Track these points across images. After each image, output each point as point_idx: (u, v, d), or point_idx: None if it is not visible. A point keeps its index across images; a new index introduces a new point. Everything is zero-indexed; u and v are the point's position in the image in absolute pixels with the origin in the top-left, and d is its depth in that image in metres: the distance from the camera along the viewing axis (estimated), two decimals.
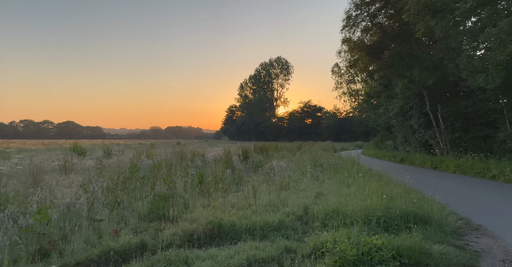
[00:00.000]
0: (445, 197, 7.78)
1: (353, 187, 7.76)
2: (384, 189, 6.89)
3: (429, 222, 5.08)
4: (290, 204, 6.73)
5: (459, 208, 6.57)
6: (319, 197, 7.26)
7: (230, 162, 11.68)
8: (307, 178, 10.20)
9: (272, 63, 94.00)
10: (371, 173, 10.63)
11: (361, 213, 5.30)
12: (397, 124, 20.87)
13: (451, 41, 12.13)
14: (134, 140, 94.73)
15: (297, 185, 9.13)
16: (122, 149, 24.19)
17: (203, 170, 10.92)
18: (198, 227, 4.79)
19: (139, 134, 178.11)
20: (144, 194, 6.92)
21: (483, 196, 7.68)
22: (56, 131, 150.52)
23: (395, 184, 8.18)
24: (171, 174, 7.48)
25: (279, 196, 7.60)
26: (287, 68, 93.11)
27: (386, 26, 16.97)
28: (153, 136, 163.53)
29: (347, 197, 6.61)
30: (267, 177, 10.37)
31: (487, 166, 10.66)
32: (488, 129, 13.27)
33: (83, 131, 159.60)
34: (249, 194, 7.73)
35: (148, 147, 31.45)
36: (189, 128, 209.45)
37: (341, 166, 11.99)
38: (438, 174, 12.11)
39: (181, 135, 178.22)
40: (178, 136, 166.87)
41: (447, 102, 15.34)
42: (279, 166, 13.40)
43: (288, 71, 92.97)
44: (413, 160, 16.34)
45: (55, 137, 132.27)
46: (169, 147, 28.75)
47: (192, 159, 13.59)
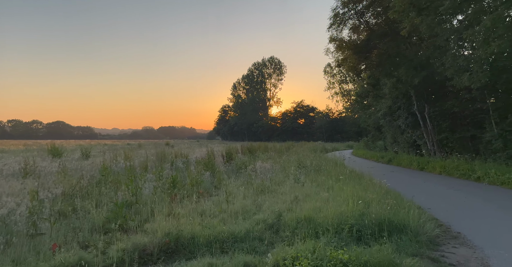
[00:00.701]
0: (428, 200, 7.50)
1: (332, 191, 7.41)
2: (363, 193, 6.54)
3: (404, 230, 4.72)
4: (264, 209, 6.34)
5: (440, 213, 6.27)
6: (296, 201, 6.89)
7: (212, 163, 11.22)
8: (289, 180, 9.85)
9: (265, 63, 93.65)
10: (354, 175, 10.31)
11: (333, 221, 4.92)
12: (386, 124, 20.70)
13: (437, 39, 11.89)
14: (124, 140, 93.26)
15: (278, 188, 8.75)
16: (106, 149, 23.49)
17: (182, 173, 10.48)
18: (153, 240, 4.33)
19: (131, 134, 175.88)
20: (107, 200, 6.43)
21: (466, 199, 7.40)
22: (46, 131, 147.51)
23: (377, 187, 7.85)
24: (137, 178, 6.97)
25: (256, 200, 7.22)
26: (280, 68, 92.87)
27: (373, 24, 16.73)
28: (145, 136, 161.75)
29: (323, 202, 6.25)
30: (248, 179, 9.96)
31: (472, 167, 10.44)
32: (475, 129, 13.10)
33: (73, 132, 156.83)
34: (227, 199, 7.33)
35: (135, 147, 30.76)
36: (182, 129, 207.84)
37: (325, 168, 11.65)
38: (423, 176, 11.87)
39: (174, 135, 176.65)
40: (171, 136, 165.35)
41: (434, 102, 15.16)
42: (263, 168, 13.02)
43: (281, 71, 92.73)
44: (400, 160, 16.13)
45: (44, 137, 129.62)
46: (156, 148, 28.12)
47: (173, 160, 13.08)
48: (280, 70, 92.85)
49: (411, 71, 13.59)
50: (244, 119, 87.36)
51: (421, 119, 15.72)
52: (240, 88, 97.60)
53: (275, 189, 8.50)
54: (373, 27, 16.93)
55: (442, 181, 10.22)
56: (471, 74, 9.80)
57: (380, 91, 19.03)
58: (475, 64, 9.73)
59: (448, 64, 10.89)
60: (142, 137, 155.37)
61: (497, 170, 9.37)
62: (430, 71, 13.57)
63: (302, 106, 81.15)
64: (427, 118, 15.25)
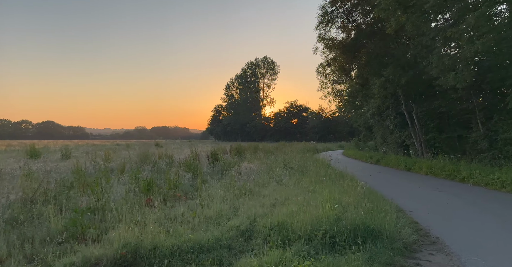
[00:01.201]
0: (411, 202, 7.29)
1: (313, 194, 7.16)
2: (343, 196, 6.30)
3: (380, 236, 4.47)
4: (241, 214, 6.05)
5: (421, 216, 6.05)
6: (275, 205, 6.61)
7: (194, 164, 10.86)
8: (273, 182, 9.58)
9: (258, 63, 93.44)
10: (339, 177, 10.09)
11: (306, 227, 4.65)
12: (376, 124, 20.61)
13: (423, 38, 11.76)
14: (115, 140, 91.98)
15: (261, 190, 8.47)
16: (91, 150, 22.85)
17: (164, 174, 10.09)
18: (107, 252, 3.97)
19: (123, 134, 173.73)
20: (74, 206, 6.04)
21: (449, 201, 7.21)
22: (35, 131, 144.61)
23: (358, 189, 7.63)
24: (105, 181, 6.59)
25: (234, 204, 6.92)
26: (273, 68, 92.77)
27: (362, 23, 16.58)
28: (138, 136, 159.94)
29: (301, 206, 5.98)
30: (231, 181, 9.65)
31: (457, 168, 10.31)
32: (461, 129, 13.03)
33: (64, 132, 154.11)
34: (203, 203, 7.02)
35: (122, 147, 30.14)
36: (176, 129, 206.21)
37: (310, 169, 11.41)
38: (410, 176, 11.73)
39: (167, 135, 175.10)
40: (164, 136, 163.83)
41: (422, 102, 15.07)
42: (249, 169, 12.74)
43: (274, 71, 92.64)
44: (388, 161, 16.01)
45: (34, 138, 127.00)
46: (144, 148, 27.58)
47: (155, 161, 12.67)
48: (273, 70, 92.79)
49: (399, 71, 13.46)
50: (237, 119, 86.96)
51: (409, 119, 15.63)
52: (234, 88, 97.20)
53: (258, 191, 8.24)
54: (362, 26, 16.80)
55: (428, 182, 10.07)
56: (456, 74, 9.66)
57: (369, 91, 18.91)
58: (460, 63, 9.60)
59: (434, 63, 10.75)
60: (134, 137, 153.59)
61: (482, 170, 9.25)
62: (417, 70, 13.46)
63: (295, 106, 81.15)
64: (415, 118, 15.16)
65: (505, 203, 6.78)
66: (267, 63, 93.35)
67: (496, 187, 8.29)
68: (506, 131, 10.27)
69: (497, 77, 10.48)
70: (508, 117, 10.46)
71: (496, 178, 8.45)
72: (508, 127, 10.22)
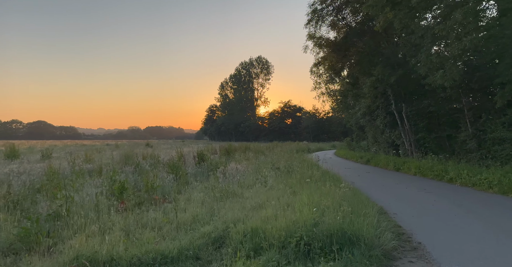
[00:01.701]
0: (396, 204, 7.05)
1: (294, 196, 6.87)
2: (324, 199, 6.00)
3: (358, 243, 4.17)
4: (218, 219, 5.72)
5: (405, 219, 5.79)
6: (256, 208, 6.29)
7: (177, 165, 10.46)
8: (258, 184, 9.28)
9: (252, 63, 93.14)
10: (325, 177, 9.82)
11: (280, 233, 4.33)
12: (367, 124, 20.45)
13: (412, 37, 11.56)
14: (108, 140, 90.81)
15: (244, 192, 8.16)
16: (78, 150, 22.26)
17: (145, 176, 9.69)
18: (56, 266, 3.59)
19: (116, 134, 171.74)
20: (38, 212, 5.63)
21: (435, 202, 6.98)
22: (26, 131, 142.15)
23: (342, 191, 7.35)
24: (63, 184, 6.18)
25: (213, 207, 6.58)
26: (268, 68, 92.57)
27: (352, 21, 16.37)
28: (131, 136, 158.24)
29: (280, 210, 5.68)
30: (214, 183, 9.30)
31: (445, 168, 10.13)
32: (451, 129, 12.89)
33: (55, 132, 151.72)
34: (181, 206, 6.67)
35: (111, 147, 29.51)
36: (170, 129, 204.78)
37: (298, 169, 11.12)
38: (398, 177, 11.52)
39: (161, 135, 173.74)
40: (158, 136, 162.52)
41: (412, 101, 14.92)
42: (236, 170, 12.41)
43: (268, 70, 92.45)
44: (378, 161, 15.83)
45: (24, 138, 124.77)
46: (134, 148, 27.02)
47: (138, 162, 12.23)
48: (267, 70, 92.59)
49: (388, 70, 13.26)
50: (232, 119, 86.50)
51: (398, 119, 15.45)
52: (228, 88, 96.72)
53: (241, 193, 7.92)
54: (352, 24, 16.59)
55: (415, 183, 9.86)
56: (444, 72, 9.46)
57: (360, 91, 18.74)
58: (448, 61, 9.41)
59: (423, 62, 10.56)
60: (127, 137, 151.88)
61: (469, 170, 9.06)
62: (406, 69, 13.29)
63: (289, 106, 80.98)
64: (405, 117, 14.98)
65: (491, 205, 6.57)
66: (261, 63, 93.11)
67: (483, 188, 8.09)
68: (494, 131, 10.12)
69: (485, 76, 10.32)
70: (496, 116, 10.31)
71: (483, 178, 8.26)
72: (496, 127, 10.07)
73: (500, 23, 9.08)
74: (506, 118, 9.75)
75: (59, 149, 25.58)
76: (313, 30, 16.34)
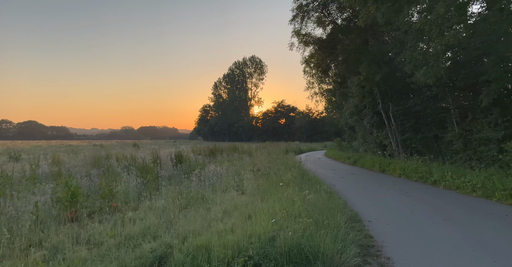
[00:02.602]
0: (374, 210, 6.51)
1: (264, 202, 6.31)
2: (292, 206, 5.45)
3: (315, 262, 3.61)
4: (173, 231, 5.09)
5: (378, 228, 5.25)
6: (220, 218, 5.68)
7: (148, 168, 9.81)
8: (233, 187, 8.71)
9: (245, 62, 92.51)
10: (306, 180, 9.29)
11: (226, 253, 3.73)
12: (355, 124, 20.00)
13: (397, 33, 11.10)
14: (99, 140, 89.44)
15: (215, 197, 7.56)
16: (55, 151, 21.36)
17: (103, 180, 9.01)
18: None
19: (109, 134, 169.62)
20: None
21: (414, 208, 6.47)
22: (16, 131, 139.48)
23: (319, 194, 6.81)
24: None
25: (175, 217, 5.95)
26: (261, 68, 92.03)
27: (338, 18, 15.89)
28: (124, 136, 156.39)
29: (241, 220, 5.13)
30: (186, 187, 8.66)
31: (430, 170, 9.66)
32: (437, 129, 12.44)
33: (47, 132, 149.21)
34: (141, 215, 6.04)
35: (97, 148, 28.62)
36: (164, 129, 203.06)
37: (277, 172, 10.56)
38: (382, 179, 11.03)
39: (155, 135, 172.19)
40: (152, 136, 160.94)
41: (398, 100, 14.47)
42: (215, 172, 11.82)
43: (262, 70, 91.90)
44: (364, 162, 15.36)
45: (15, 138, 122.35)
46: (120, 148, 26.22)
47: (109, 165, 11.53)
48: (261, 69, 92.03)
49: (373, 67, 12.79)
50: (225, 119, 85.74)
51: (385, 118, 15.00)
52: (221, 88, 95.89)
53: (212, 199, 7.30)
54: (338, 21, 16.12)
55: (398, 185, 9.36)
56: (427, 69, 8.99)
57: (347, 90, 18.29)
58: (431, 57, 8.94)
59: (407, 58, 10.10)
60: (120, 137, 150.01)
61: (454, 172, 8.60)
62: (392, 67, 12.84)
63: (283, 106, 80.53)
64: (391, 117, 14.54)
65: (473, 211, 6.07)
66: (255, 62, 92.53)
67: (466, 191, 7.62)
68: (480, 131, 9.68)
69: (471, 74, 9.88)
70: (483, 116, 9.88)
71: (467, 181, 7.79)
72: (482, 127, 9.64)
73: (486, 18, 8.66)
74: (492, 118, 9.31)
75: (40, 150, 24.66)
76: (299, 27, 15.84)
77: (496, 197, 6.69)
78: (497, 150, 8.62)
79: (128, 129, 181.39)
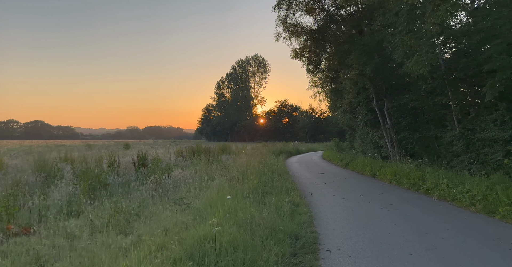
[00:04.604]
0: (341, 231, 5.09)
1: (201, 224, 5.03)
2: (238, 229, 4.16)
3: None
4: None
5: (336, 263, 3.90)
6: (127, 249, 4.36)
7: (89, 173, 8.58)
8: (186, 198, 7.45)
9: (248, 61, 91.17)
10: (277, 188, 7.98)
11: None
12: (350, 123, 18.52)
13: (388, 16, 9.65)
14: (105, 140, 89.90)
15: (158, 212, 6.24)
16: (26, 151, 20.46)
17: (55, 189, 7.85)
18: None
19: (115, 134, 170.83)
20: None
21: (394, 227, 5.09)
22: (23, 131, 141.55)
23: (278, 210, 5.49)
24: None
25: (73, 245, 4.63)
26: (264, 66, 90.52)
27: (329, 5, 14.40)
28: (129, 136, 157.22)
29: (149, 255, 3.87)
30: (119, 202, 7.23)
31: (423, 176, 8.21)
32: (436, 128, 10.93)
33: (53, 131, 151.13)
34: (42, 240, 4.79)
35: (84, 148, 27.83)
36: (169, 128, 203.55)
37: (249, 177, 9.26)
38: (369, 185, 9.60)
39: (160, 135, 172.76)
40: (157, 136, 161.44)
41: (394, 96, 12.97)
42: (181, 177, 10.61)
43: (265, 69, 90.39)
44: (355, 164, 13.91)
45: (21, 138, 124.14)
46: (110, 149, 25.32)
47: (58, 170, 10.25)
48: (264, 68, 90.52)
49: (363, 58, 11.34)
50: (227, 119, 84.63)
51: (380, 116, 13.51)
52: (224, 87, 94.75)
53: (148, 216, 5.96)
54: (329, 8, 14.66)
55: (385, 194, 7.94)
56: (419, 56, 7.55)
57: (339, 85, 16.84)
58: (425, 41, 7.50)
59: (398, 45, 8.68)
60: (126, 137, 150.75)
61: (450, 180, 7.14)
62: (385, 57, 11.39)
63: (285, 105, 78.91)
64: (386, 115, 13.05)
65: (471, 234, 4.65)
66: (257, 61, 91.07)
67: (464, 204, 6.17)
68: (484, 130, 8.18)
69: (473, 62, 8.39)
70: (487, 112, 8.38)
71: (465, 191, 6.33)
72: (487, 125, 8.14)
73: None
74: (498, 114, 7.81)
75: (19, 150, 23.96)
76: (285, 14, 14.42)
77: (500, 213, 5.25)
78: (503, 152, 7.13)
79: (134, 129, 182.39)
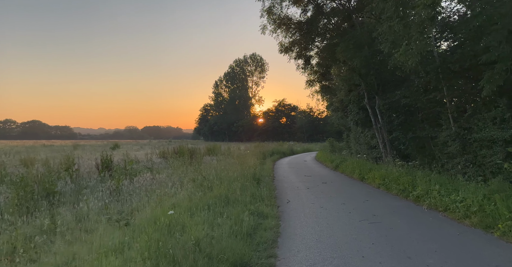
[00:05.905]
0: (306, 255, 4.19)
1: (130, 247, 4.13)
2: None
3: None
4: None
5: None
6: None
7: (24, 179, 7.44)
8: (138, 210, 6.52)
9: (246, 60, 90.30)
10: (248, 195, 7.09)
11: None
12: (341, 122, 17.62)
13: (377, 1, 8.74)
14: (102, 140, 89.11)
15: (97, 229, 5.28)
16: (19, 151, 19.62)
17: None
18: None
19: (113, 134, 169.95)
20: None
21: (370, 249, 4.18)
22: (20, 131, 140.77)
23: (233, 228, 4.59)
24: None
25: None
26: (262, 66, 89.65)
27: None
28: (128, 136, 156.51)
29: None
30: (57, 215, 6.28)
31: (413, 181, 7.29)
32: (430, 127, 10.03)
33: (50, 131, 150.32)
34: None
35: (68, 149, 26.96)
36: (168, 128, 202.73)
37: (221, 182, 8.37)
38: (355, 190, 8.68)
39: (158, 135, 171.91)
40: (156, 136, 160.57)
41: (386, 92, 12.07)
42: (150, 181, 9.75)
43: (263, 68, 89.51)
44: (345, 167, 12.99)
45: (19, 138, 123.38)
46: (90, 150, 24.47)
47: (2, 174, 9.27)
48: (262, 67, 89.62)
49: (350, 50, 10.43)
50: (225, 119, 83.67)
51: (372, 114, 12.60)
52: (222, 86, 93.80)
53: (78, 237, 4.99)
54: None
55: (369, 202, 7.03)
56: (408, 45, 6.65)
57: (330, 82, 15.95)
58: (415, 29, 6.59)
59: (386, 34, 7.77)
60: (124, 137, 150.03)
61: (443, 186, 6.23)
62: (374, 50, 10.49)
63: (284, 105, 78.00)
64: (378, 113, 12.15)
65: (464, 259, 3.74)
66: (255, 60, 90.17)
67: (457, 216, 5.26)
68: (481, 130, 7.27)
69: (469, 53, 7.48)
70: (485, 109, 7.47)
71: (458, 200, 5.42)
72: (485, 124, 7.23)
73: None
74: (497, 111, 6.91)
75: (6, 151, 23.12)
76: (270, 4, 13.49)
77: (499, 229, 4.34)
78: (503, 155, 6.22)
79: (132, 129, 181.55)
